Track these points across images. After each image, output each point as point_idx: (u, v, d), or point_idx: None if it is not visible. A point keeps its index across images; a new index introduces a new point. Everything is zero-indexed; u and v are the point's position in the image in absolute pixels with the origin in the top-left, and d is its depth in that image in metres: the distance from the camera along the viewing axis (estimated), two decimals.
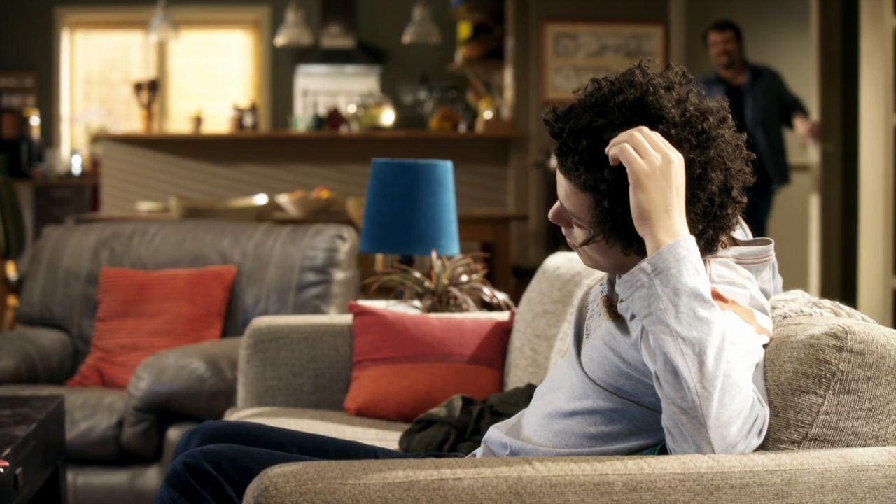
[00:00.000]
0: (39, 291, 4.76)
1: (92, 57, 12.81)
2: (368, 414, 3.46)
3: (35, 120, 12.23)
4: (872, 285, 5.79)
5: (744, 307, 2.03)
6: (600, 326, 2.18)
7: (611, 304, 2.18)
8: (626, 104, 2.01)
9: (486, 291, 3.94)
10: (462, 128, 10.10)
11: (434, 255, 4.05)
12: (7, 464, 2.60)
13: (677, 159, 1.95)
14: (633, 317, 2.07)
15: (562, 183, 2.09)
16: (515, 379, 3.41)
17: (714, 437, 1.81)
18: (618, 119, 2.00)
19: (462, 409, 3.17)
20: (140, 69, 12.71)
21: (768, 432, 1.90)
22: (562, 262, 3.47)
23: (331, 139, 9.73)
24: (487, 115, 9.88)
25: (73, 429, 3.98)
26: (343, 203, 7.96)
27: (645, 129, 1.98)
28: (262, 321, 3.68)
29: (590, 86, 2.08)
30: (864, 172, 5.82)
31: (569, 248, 2.47)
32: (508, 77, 9.91)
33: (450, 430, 3.10)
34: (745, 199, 2.08)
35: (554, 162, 9.01)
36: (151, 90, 9.69)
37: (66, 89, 12.76)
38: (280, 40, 10.53)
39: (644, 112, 2.00)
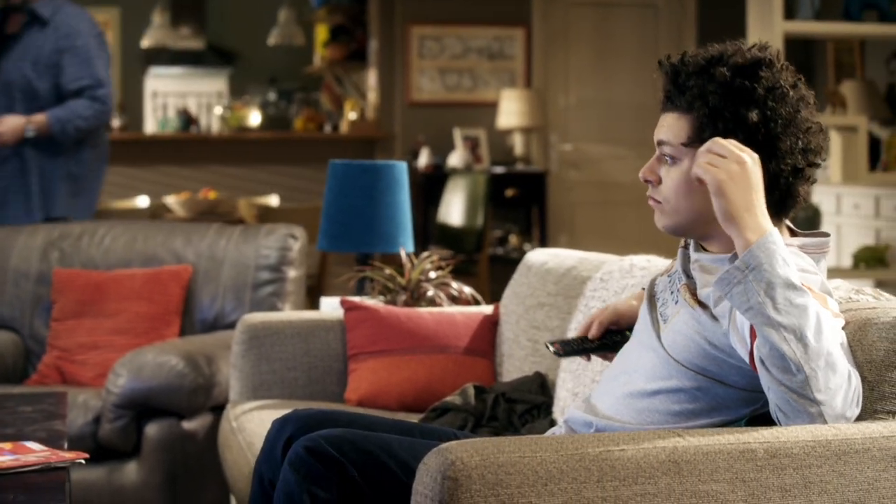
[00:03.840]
0: None
1: None
2: (370, 405, 3.62)
3: None
4: None
5: (818, 293, 2.26)
6: (678, 312, 2.39)
7: (692, 292, 2.39)
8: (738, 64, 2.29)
9: (454, 286, 4.13)
10: (327, 129, 10.25)
11: (403, 252, 4.23)
12: (87, 455, 2.70)
13: (750, 160, 2.17)
14: (716, 303, 2.30)
15: (662, 122, 2.36)
16: (512, 368, 3.61)
17: (826, 409, 2.04)
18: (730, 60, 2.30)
19: (476, 396, 3.36)
20: None
21: (865, 404, 2.14)
22: (547, 258, 3.69)
23: (199, 140, 9.78)
24: (352, 116, 10.04)
25: None
26: (231, 203, 8.03)
27: (717, 139, 2.20)
28: (254, 317, 3.82)
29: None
30: None
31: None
32: (372, 79, 10.08)
33: (467, 417, 3.28)
34: (815, 178, 2.34)
35: (425, 161, 9.22)
36: None
37: None
38: (146, 42, 10.54)
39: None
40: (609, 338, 2.62)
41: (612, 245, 6.15)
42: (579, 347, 2.62)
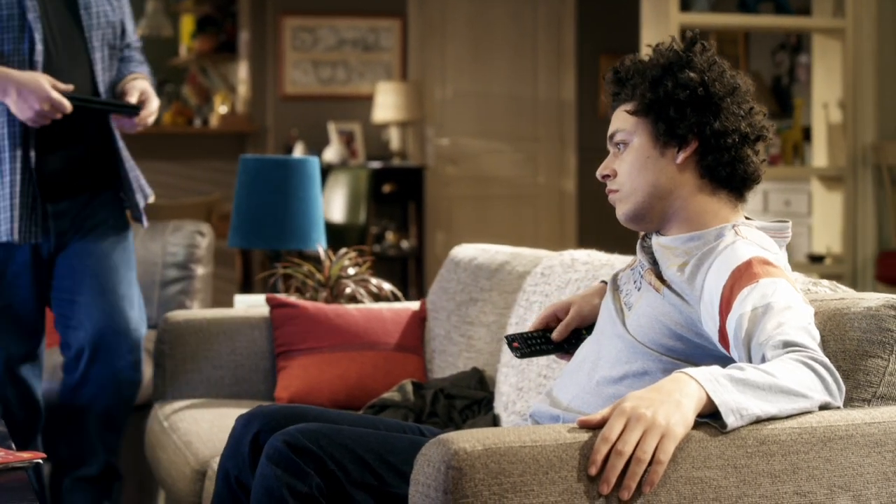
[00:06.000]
0: None
1: None
2: (302, 402, 3.60)
3: None
4: None
5: (789, 276, 2.31)
6: (641, 297, 2.42)
7: (656, 275, 2.42)
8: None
9: (374, 282, 4.13)
10: (197, 123, 10.14)
11: (321, 248, 4.21)
12: (44, 455, 2.64)
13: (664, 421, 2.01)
14: (689, 280, 2.32)
15: (612, 120, 2.45)
16: (444, 364, 3.62)
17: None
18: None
19: (414, 392, 3.36)
20: None
21: None
22: (476, 253, 3.71)
23: None
24: (223, 110, 9.94)
25: None
26: None
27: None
28: (179, 315, 3.77)
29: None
30: None
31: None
32: (243, 71, 9.98)
33: (407, 414, 3.29)
34: (766, 158, 2.43)
35: (299, 156, 9.16)
36: None
37: None
38: None
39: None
40: (567, 339, 2.65)
41: (489, 240, 6.21)
42: (539, 349, 2.64)
